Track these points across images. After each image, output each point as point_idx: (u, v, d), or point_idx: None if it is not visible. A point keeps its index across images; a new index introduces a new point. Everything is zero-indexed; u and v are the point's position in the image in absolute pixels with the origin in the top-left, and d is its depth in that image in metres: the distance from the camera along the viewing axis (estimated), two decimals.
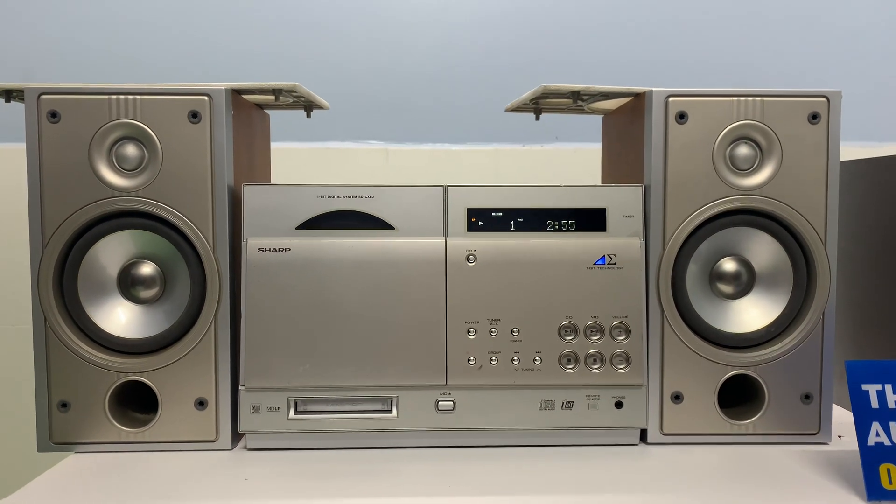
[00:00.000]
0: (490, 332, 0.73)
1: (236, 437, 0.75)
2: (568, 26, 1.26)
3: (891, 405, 0.63)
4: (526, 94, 0.84)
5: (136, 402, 0.75)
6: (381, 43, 1.25)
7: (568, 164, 1.27)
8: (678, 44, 1.27)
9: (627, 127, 0.83)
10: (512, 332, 0.73)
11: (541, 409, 0.74)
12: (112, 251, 0.73)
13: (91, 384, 0.72)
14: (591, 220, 0.75)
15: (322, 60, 1.24)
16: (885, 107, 1.30)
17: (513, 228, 0.75)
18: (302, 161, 1.24)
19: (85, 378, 0.72)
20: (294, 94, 0.80)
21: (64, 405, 0.73)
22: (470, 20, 1.25)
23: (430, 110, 1.26)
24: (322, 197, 0.74)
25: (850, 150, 0.79)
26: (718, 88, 0.74)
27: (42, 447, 0.73)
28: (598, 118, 0.97)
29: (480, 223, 0.75)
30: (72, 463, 0.71)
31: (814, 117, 0.74)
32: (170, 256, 0.73)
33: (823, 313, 0.75)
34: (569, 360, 0.73)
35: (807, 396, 0.75)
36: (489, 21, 1.25)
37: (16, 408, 1.19)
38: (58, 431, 0.73)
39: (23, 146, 0.71)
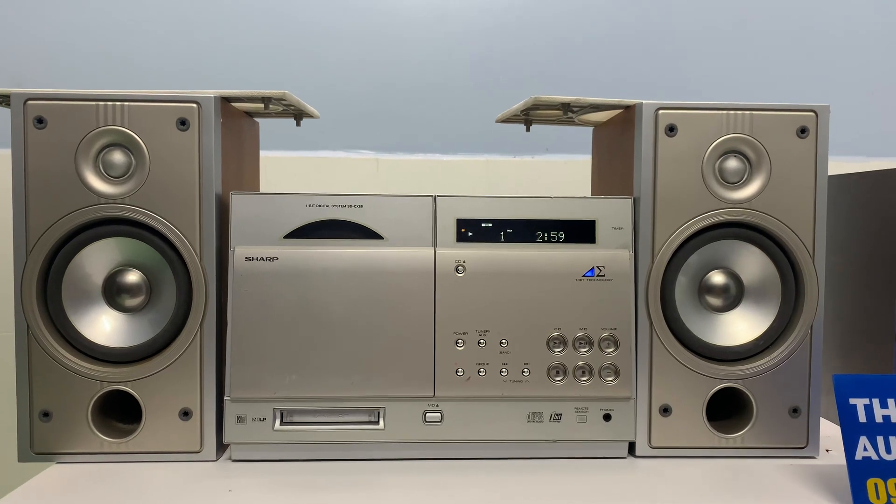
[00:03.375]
0: (479, 343, 0.73)
1: (221, 447, 0.74)
2: (559, 39, 1.26)
3: (878, 419, 0.63)
4: (517, 105, 0.84)
5: (120, 412, 0.74)
6: (373, 52, 1.25)
7: (558, 175, 1.27)
8: (668, 57, 1.27)
9: (617, 139, 0.83)
10: (500, 343, 0.73)
11: (529, 422, 0.73)
12: (97, 259, 0.72)
13: (74, 393, 0.71)
14: (581, 231, 0.75)
15: (313, 69, 1.24)
16: (873, 122, 1.31)
17: (502, 239, 0.74)
18: (292, 170, 1.23)
19: (67, 387, 0.71)
20: (284, 102, 0.79)
21: (46, 415, 0.71)
22: (463, 32, 1.25)
23: (422, 120, 1.26)
24: (311, 206, 0.73)
25: (838, 165, 0.80)
26: (708, 102, 0.74)
27: (23, 457, 0.72)
28: (589, 130, 0.97)
29: (470, 234, 0.74)
30: (53, 473, 0.70)
31: (802, 131, 0.74)
32: (156, 265, 0.73)
33: (811, 327, 0.75)
34: (557, 372, 0.73)
35: (795, 410, 0.75)
36: (482, 33, 1.26)
37: None
38: (39, 441, 0.72)
39: (8, 151, 0.71)
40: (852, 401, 0.64)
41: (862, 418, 0.63)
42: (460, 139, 1.27)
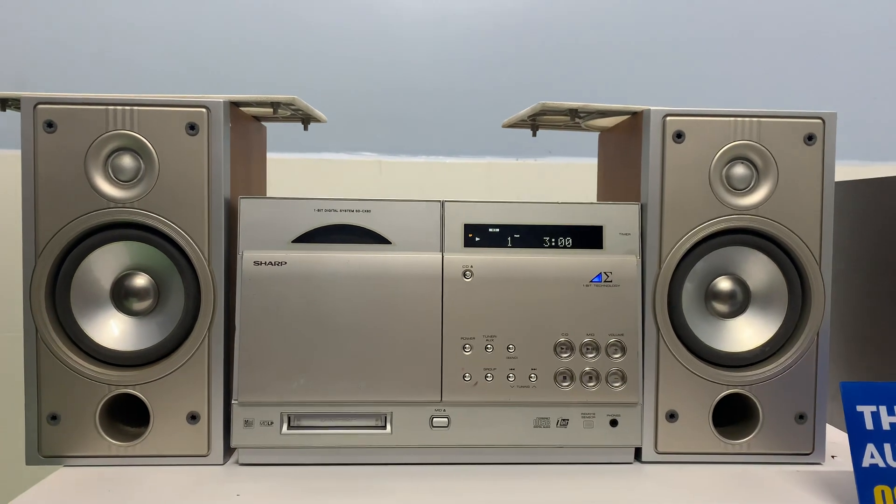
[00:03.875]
0: (486, 348, 0.73)
1: (228, 451, 0.75)
2: (564, 43, 1.27)
3: (885, 427, 0.63)
4: (524, 110, 0.84)
5: (128, 416, 0.74)
6: (377, 55, 1.25)
7: (561, 178, 1.27)
8: (675, 63, 1.28)
9: (624, 145, 0.83)
10: (508, 348, 0.73)
11: (536, 427, 0.73)
12: (106, 262, 0.72)
13: (82, 397, 0.71)
14: (588, 237, 0.75)
15: (317, 71, 1.24)
16: (875, 126, 1.31)
17: (510, 245, 0.75)
18: (296, 172, 1.23)
19: (76, 390, 0.71)
20: (292, 107, 0.80)
21: (54, 418, 0.72)
22: (466, 35, 1.26)
23: (425, 123, 1.26)
24: (319, 210, 0.74)
25: (840, 169, 0.80)
26: (716, 108, 0.74)
27: (31, 460, 0.72)
28: (592, 133, 0.98)
29: (477, 239, 0.75)
30: (61, 477, 0.70)
31: (809, 138, 0.74)
32: (164, 268, 0.73)
33: (818, 333, 0.75)
34: (564, 378, 0.73)
35: (801, 416, 0.75)
36: (485, 36, 1.26)
37: (4, 419, 1.18)
38: (47, 444, 0.72)
39: (15, 152, 0.71)
40: (859, 408, 0.64)
41: (869, 425, 0.63)
42: (463, 142, 1.27)
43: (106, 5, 1.21)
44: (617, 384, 0.73)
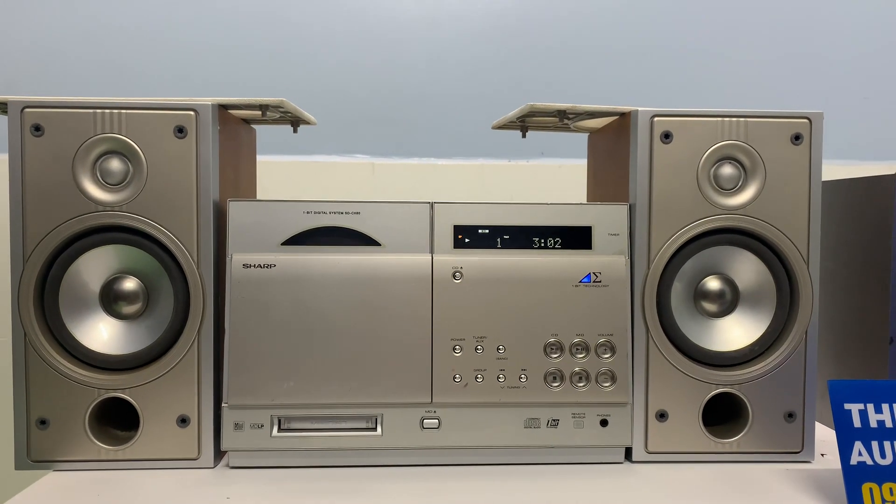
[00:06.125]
0: (476, 349, 0.73)
1: (218, 454, 0.74)
2: (555, 45, 1.27)
3: (873, 424, 0.64)
4: (513, 112, 0.85)
5: (117, 420, 0.74)
6: (368, 56, 1.25)
7: (553, 179, 1.27)
8: (663, 64, 1.28)
9: (613, 146, 0.83)
10: (498, 349, 0.73)
11: (526, 427, 0.73)
12: (95, 266, 0.72)
13: (71, 401, 0.71)
14: (577, 237, 0.75)
15: (308, 73, 1.24)
16: (865, 126, 1.32)
17: (499, 245, 0.75)
18: (287, 174, 1.23)
19: (65, 395, 0.71)
20: (281, 109, 0.80)
21: (43, 422, 0.71)
22: (458, 36, 1.26)
23: (417, 125, 1.27)
24: (308, 213, 0.74)
25: (830, 169, 0.81)
26: (703, 109, 0.75)
27: (20, 465, 0.72)
28: (583, 135, 0.98)
29: (467, 240, 0.75)
30: (50, 481, 0.70)
31: (797, 138, 0.75)
32: (153, 272, 0.73)
33: (806, 332, 0.75)
34: (554, 378, 0.73)
35: (790, 415, 0.75)
36: (476, 38, 1.26)
37: None
38: (36, 449, 0.72)
39: (5, 157, 0.71)
40: (847, 406, 0.64)
41: (857, 423, 0.64)
42: (455, 143, 1.27)
43: (94, 8, 1.21)
44: (607, 384, 0.74)
